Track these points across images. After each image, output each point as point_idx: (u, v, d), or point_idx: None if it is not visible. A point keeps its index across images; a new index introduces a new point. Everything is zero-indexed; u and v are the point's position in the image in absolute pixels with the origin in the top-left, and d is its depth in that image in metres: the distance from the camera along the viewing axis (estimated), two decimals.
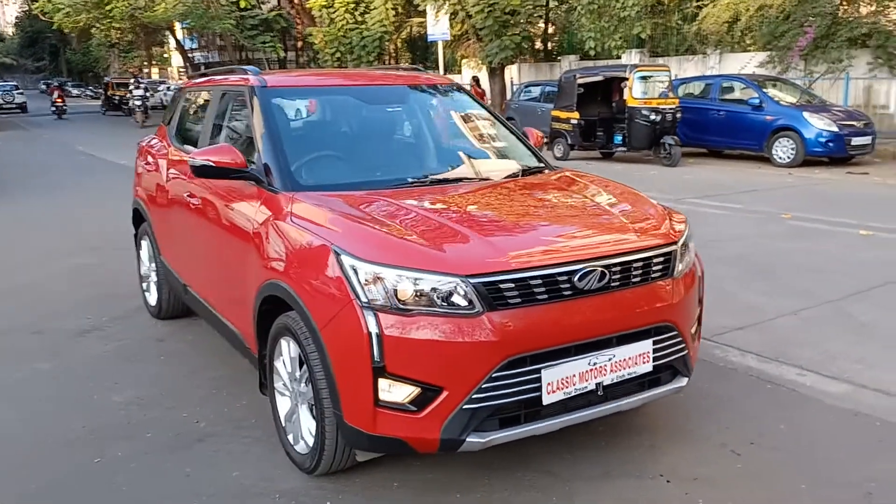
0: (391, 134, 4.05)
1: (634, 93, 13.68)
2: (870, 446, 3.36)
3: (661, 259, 3.10)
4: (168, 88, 44.31)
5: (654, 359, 3.06)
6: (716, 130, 14.78)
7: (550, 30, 27.41)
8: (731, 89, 15.09)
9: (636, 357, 3.00)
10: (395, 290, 2.70)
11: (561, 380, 2.82)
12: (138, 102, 28.17)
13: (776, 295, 5.62)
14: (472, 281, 2.69)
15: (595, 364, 2.90)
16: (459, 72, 28.65)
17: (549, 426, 2.87)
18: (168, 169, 4.76)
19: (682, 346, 3.19)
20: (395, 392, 2.73)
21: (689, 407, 3.77)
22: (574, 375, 2.85)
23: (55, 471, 3.30)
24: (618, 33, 20.01)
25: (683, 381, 3.24)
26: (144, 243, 5.39)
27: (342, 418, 2.84)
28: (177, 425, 3.70)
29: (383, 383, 2.72)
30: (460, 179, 3.70)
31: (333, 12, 28.44)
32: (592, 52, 21.05)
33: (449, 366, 2.70)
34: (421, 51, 32.41)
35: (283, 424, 3.35)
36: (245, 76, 4.12)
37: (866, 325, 4.90)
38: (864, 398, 3.84)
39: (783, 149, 13.53)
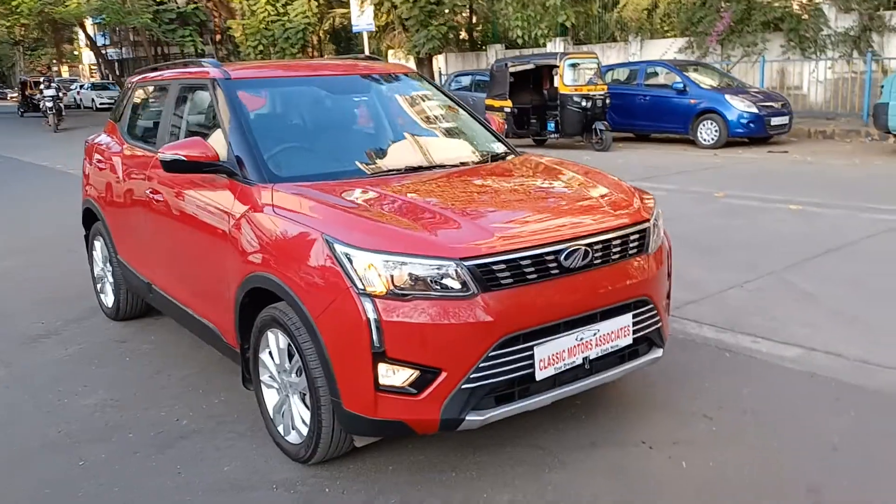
0: (360, 123, 4.08)
1: (565, 80, 13.96)
2: (829, 404, 3.60)
3: (637, 236, 3.24)
4: (81, 87, 42.66)
5: (634, 332, 3.20)
6: (642, 115, 15.22)
7: (473, 19, 27.61)
8: (655, 75, 15.54)
9: (618, 331, 3.14)
10: (392, 276, 2.75)
11: (552, 356, 2.93)
12: (50, 104, 24.94)
13: (721, 269, 5.89)
14: (467, 264, 2.76)
15: (581, 339, 3.01)
16: None
17: (541, 401, 2.98)
18: (124, 166, 4.65)
19: (657, 318, 3.35)
20: (394, 376, 2.78)
21: (656, 377, 3.94)
22: (563, 351, 2.97)
23: (38, 477, 3.22)
24: (543, 22, 20.32)
25: (659, 352, 3.40)
26: (98, 243, 5.25)
27: (340, 405, 2.87)
28: (157, 424, 3.65)
29: (383, 368, 2.77)
30: (433, 166, 3.76)
31: (254, 4, 27.97)
32: (520, 41, 21.31)
33: (447, 347, 2.76)
34: (344, 42, 32.14)
35: (272, 416, 3.36)
36: (204, 69, 4.07)
37: (809, 294, 5.19)
38: (817, 361, 4.09)
39: (707, 131, 14.05)
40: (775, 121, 13.85)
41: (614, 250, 3.14)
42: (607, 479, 3.03)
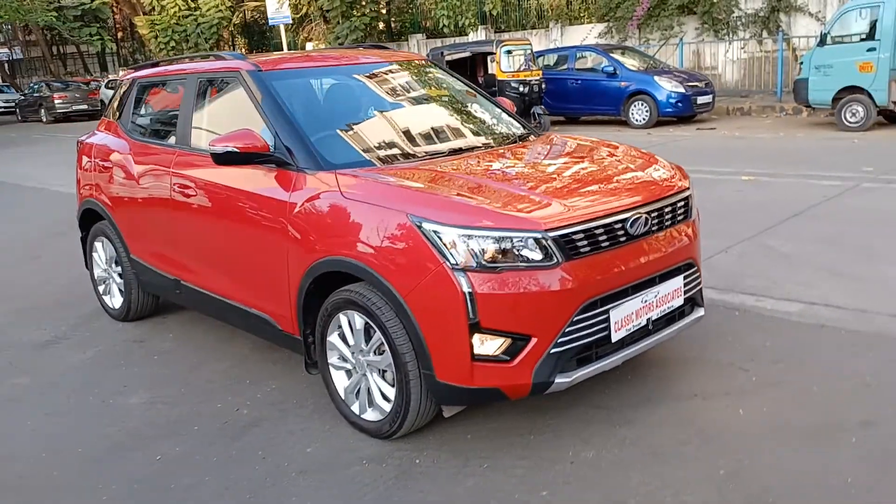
0: (394, 109, 4.15)
1: (502, 67, 14.25)
2: (846, 350, 3.94)
3: (683, 203, 3.49)
4: None
5: (685, 293, 3.45)
6: (575, 98, 15.67)
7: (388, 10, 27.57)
8: (584, 59, 16.01)
9: (672, 293, 3.37)
10: (482, 251, 2.88)
11: (624, 318, 3.14)
12: None
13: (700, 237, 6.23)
14: (551, 235, 2.92)
15: (646, 301, 3.24)
16: None
17: (615, 360, 3.18)
18: (137, 164, 4.57)
19: (700, 280, 3.61)
20: (488, 345, 2.93)
21: (680, 337, 4.18)
22: (633, 313, 3.18)
23: (121, 474, 3.20)
24: (469, 11, 20.55)
25: (701, 311, 3.66)
26: (99, 244, 5.12)
27: (433, 377, 2.99)
28: (219, 416, 3.67)
29: (477, 338, 2.91)
30: (472, 147, 3.90)
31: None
32: (446, 31, 21.47)
33: (536, 315, 2.93)
34: (258, 36, 31.52)
35: (344, 397, 3.44)
36: (231, 62, 4.08)
37: (789, 255, 5.60)
38: (820, 313, 4.45)
39: (638, 111, 14.62)
40: (701, 99, 14.54)
41: (666, 217, 3.37)
42: (677, 429, 3.26)
